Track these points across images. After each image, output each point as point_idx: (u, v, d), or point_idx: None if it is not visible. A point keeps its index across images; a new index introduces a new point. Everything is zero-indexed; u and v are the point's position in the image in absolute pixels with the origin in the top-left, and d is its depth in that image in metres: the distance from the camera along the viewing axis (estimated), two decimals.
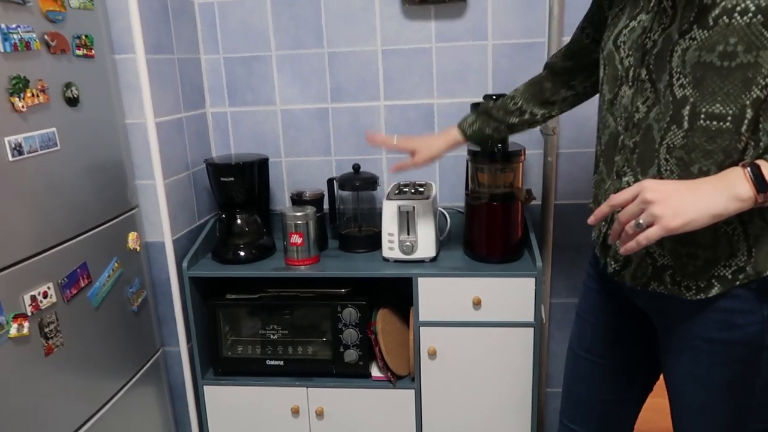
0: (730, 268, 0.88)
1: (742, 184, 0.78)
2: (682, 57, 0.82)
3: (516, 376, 1.61)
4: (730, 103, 0.80)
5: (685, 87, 0.83)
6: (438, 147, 1.40)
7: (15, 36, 1.13)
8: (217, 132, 1.91)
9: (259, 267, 1.68)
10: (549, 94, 1.27)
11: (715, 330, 0.91)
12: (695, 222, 0.79)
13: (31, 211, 1.19)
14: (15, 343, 1.14)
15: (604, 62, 1.00)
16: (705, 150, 0.83)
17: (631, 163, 0.93)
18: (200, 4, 1.81)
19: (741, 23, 0.77)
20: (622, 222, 0.85)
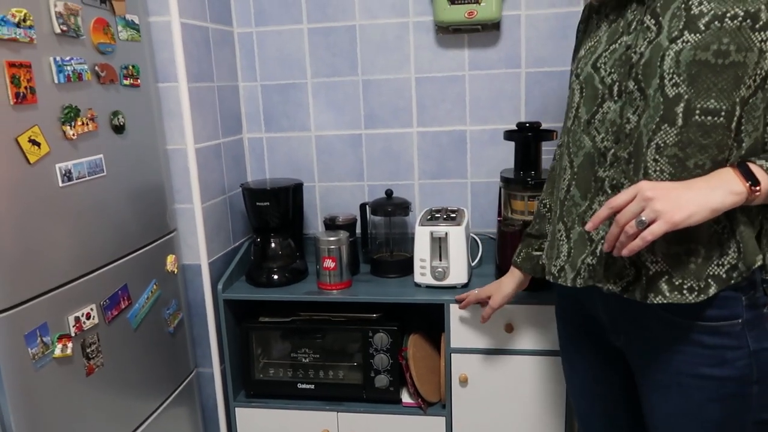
0: (723, 266, 0.90)
1: (735, 180, 0.83)
2: (675, 58, 0.87)
3: (548, 405, 1.59)
4: (723, 99, 0.85)
5: (679, 85, 0.87)
6: (507, 286, 1.37)
7: (68, 68, 1.18)
8: (252, 157, 1.96)
9: (292, 290, 1.70)
10: None
11: (705, 366, 0.92)
12: (696, 215, 0.82)
13: (78, 235, 1.24)
14: (59, 363, 1.18)
15: (581, 85, 1.02)
16: (701, 144, 0.87)
17: (628, 173, 0.95)
18: (239, 34, 1.87)
19: (732, 26, 0.83)
20: (622, 223, 0.86)
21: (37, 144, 1.11)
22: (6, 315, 1.06)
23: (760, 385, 0.91)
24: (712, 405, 0.93)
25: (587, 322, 1.12)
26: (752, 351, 0.90)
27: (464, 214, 1.71)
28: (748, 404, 0.92)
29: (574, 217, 1.04)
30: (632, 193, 0.86)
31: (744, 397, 0.92)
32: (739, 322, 0.91)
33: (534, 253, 1.30)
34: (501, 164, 1.83)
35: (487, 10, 1.65)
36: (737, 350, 0.91)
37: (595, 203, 1.00)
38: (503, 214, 1.66)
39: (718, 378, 0.92)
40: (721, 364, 0.91)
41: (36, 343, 1.11)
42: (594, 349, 1.14)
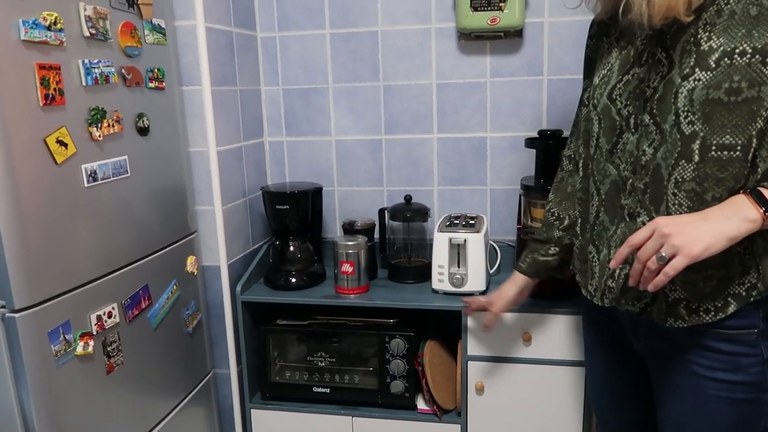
0: (744, 285, 0.93)
1: (749, 207, 0.85)
2: (689, 97, 0.88)
3: (565, 416, 1.58)
4: (738, 134, 0.87)
5: (694, 123, 0.89)
6: (509, 290, 1.38)
7: (96, 70, 1.20)
8: (273, 161, 1.97)
9: (310, 294, 1.70)
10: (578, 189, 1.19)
11: (721, 371, 0.96)
12: (714, 246, 0.85)
13: (102, 235, 1.26)
14: (80, 360, 1.19)
15: (599, 116, 1.05)
16: (717, 178, 0.90)
17: (644, 203, 0.98)
18: (263, 39, 1.89)
19: (742, 63, 0.85)
20: (643, 259, 0.90)
21: (65, 145, 1.13)
22: (30, 312, 1.08)
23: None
24: (726, 408, 0.96)
25: (610, 323, 1.15)
26: (766, 359, 0.94)
27: (483, 221, 1.70)
28: (761, 410, 0.96)
29: (603, 240, 1.07)
30: (650, 230, 0.89)
31: (757, 402, 0.95)
32: (754, 332, 0.94)
33: (540, 258, 1.32)
34: (521, 172, 1.82)
35: (510, 17, 1.65)
36: (751, 357, 0.94)
37: (619, 228, 1.03)
38: (523, 222, 1.65)
39: (733, 382, 0.95)
40: (735, 369, 0.95)
41: (59, 341, 1.13)
42: (614, 348, 1.17)
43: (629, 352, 1.14)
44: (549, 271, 1.33)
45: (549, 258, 1.31)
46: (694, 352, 0.98)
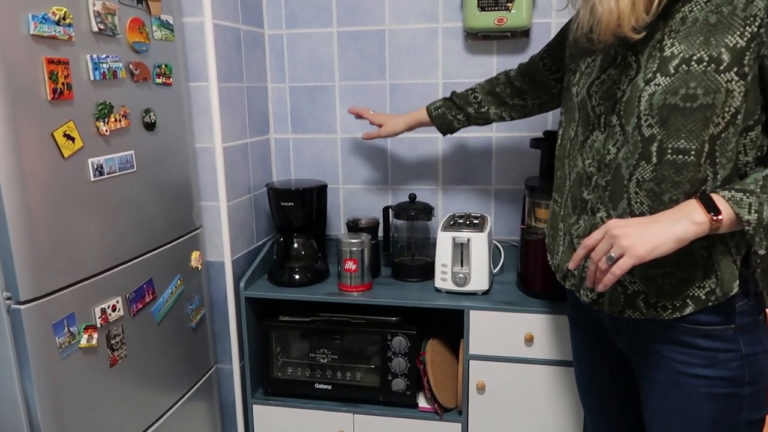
0: (704, 288, 0.96)
1: (697, 211, 0.88)
2: (649, 101, 0.92)
3: (566, 416, 1.58)
4: (692, 139, 0.90)
5: (653, 126, 0.92)
6: (400, 124, 1.62)
7: (104, 65, 1.21)
8: (278, 157, 1.98)
9: (313, 291, 1.71)
10: (504, 97, 1.47)
11: (700, 367, 0.98)
12: (660, 247, 0.88)
13: (107, 229, 1.27)
14: (84, 353, 1.20)
15: (578, 107, 1.08)
16: (673, 181, 0.93)
17: (604, 200, 1.02)
18: (270, 36, 1.90)
19: (698, 70, 0.88)
20: (595, 260, 0.94)
21: (72, 139, 1.14)
22: (35, 304, 1.09)
23: (753, 386, 0.97)
24: (706, 404, 0.99)
25: (593, 324, 1.18)
26: (745, 354, 0.96)
27: (487, 221, 1.71)
28: (741, 404, 0.98)
29: (567, 225, 1.12)
30: (603, 232, 0.93)
31: (736, 397, 0.98)
32: (731, 328, 0.96)
33: (449, 116, 1.54)
34: (526, 172, 1.82)
35: (517, 17, 1.65)
36: (729, 353, 0.96)
37: (581, 220, 1.08)
38: (527, 222, 1.65)
39: (712, 378, 0.98)
40: (714, 365, 0.97)
41: (63, 333, 1.14)
42: (599, 348, 1.20)
43: (613, 352, 1.16)
44: (449, 129, 1.57)
45: (455, 121, 1.54)
46: (672, 349, 1.01)
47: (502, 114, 1.49)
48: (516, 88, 1.45)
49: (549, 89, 1.41)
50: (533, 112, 1.49)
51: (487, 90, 1.49)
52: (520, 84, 1.44)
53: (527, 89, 1.44)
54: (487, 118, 1.51)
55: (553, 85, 1.40)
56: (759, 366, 0.97)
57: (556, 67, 1.36)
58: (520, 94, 1.45)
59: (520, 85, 1.45)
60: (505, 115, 1.49)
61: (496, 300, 1.60)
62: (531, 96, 1.45)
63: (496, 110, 1.49)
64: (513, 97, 1.46)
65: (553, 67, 1.37)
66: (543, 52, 1.39)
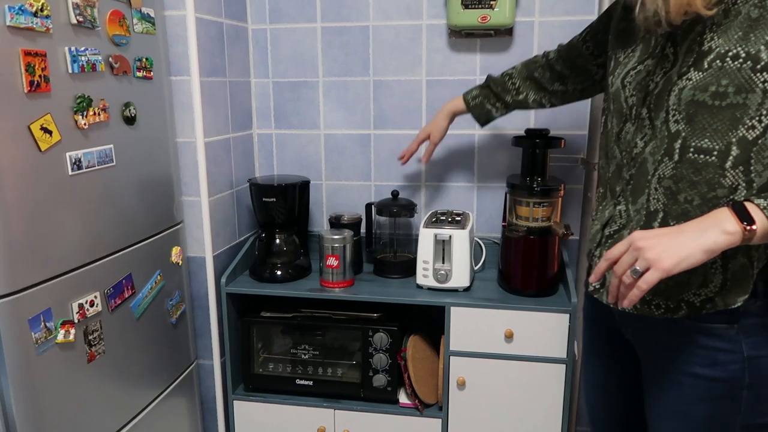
0: (700, 296, 0.93)
1: (728, 219, 0.82)
2: (678, 95, 0.89)
3: (546, 412, 1.59)
4: (717, 139, 0.86)
5: (679, 122, 0.89)
6: (441, 122, 1.60)
7: (83, 58, 1.20)
8: (261, 153, 1.97)
9: (295, 287, 1.71)
10: (543, 82, 1.41)
11: (699, 366, 0.95)
12: (689, 259, 0.83)
13: (85, 223, 1.25)
14: (61, 348, 1.19)
15: (612, 98, 1.05)
16: (691, 180, 0.89)
17: (626, 193, 1.01)
18: (254, 30, 1.89)
19: (733, 67, 0.84)
20: (619, 274, 0.89)
21: (49, 132, 1.13)
22: (11, 299, 1.08)
23: (751, 390, 0.93)
24: (701, 404, 0.96)
25: (606, 316, 1.14)
26: (746, 357, 0.92)
27: (469, 218, 1.72)
28: (737, 408, 0.94)
29: (598, 215, 1.10)
30: (627, 244, 0.89)
31: (733, 399, 0.94)
32: (735, 327, 0.92)
33: (487, 106, 1.50)
34: (508, 170, 1.83)
35: (501, 15, 1.65)
36: (730, 354, 0.92)
37: (607, 209, 1.06)
38: (508, 220, 1.66)
39: (710, 378, 0.94)
40: (713, 365, 0.94)
41: (39, 328, 1.13)
42: (610, 341, 1.16)
43: (623, 346, 1.13)
44: (487, 120, 1.53)
45: (493, 110, 1.50)
46: (673, 346, 0.98)
47: (542, 100, 1.43)
48: (556, 72, 1.38)
49: (591, 74, 1.34)
50: (574, 98, 1.42)
51: (525, 75, 1.43)
52: (561, 68, 1.37)
53: (568, 74, 1.37)
54: (526, 105, 1.46)
55: (595, 70, 1.32)
56: (762, 370, 0.92)
57: (599, 51, 1.28)
58: (561, 78, 1.38)
59: (560, 69, 1.37)
60: (545, 102, 1.43)
61: (477, 297, 1.61)
62: (572, 81, 1.37)
63: (535, 96, 1.43)
64: (553, 81, 1.40)
65: (596, 51, 1.29)
66: (586, 33, 1.31)
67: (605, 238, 1.04)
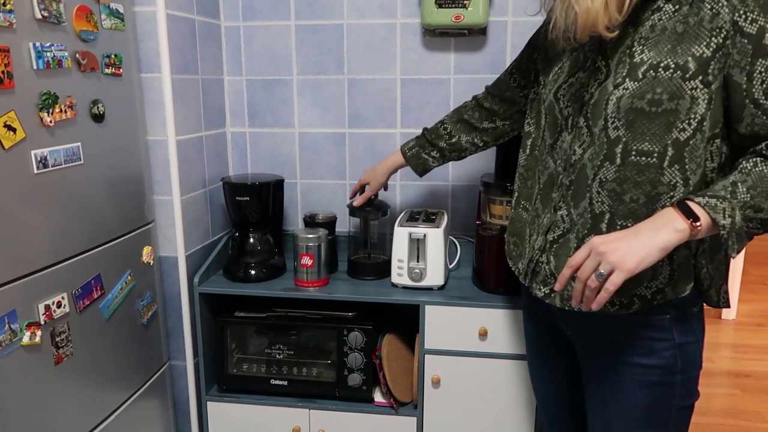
0: (651, 288, 1.00)
1: (677, 218, 0.89)
2: (617, 104, 0.96)
3: (519, 408, 1.61)
4: (656, 142, 0.94)
5: (619, 129, 0.96)
6: (380, 174, 1.62)
7: (48, 54, 1.17)
8: (235, 151, 1.95)
9: (269, 286, 1.70)
10: (473, 122, 1.45)
11: (636, 356, 1.03)
12: (648, 258, 0.89)
13: (52, 223, 1.23)
14: (26, 350, 1.17)
15: (545, 112, 1.12)
16: (635, 181, 0.96)
17: (566, 198, 1.06)
18: (227, 28, 1.87)
19: (665, 76, 0.92)
20: (583, 278, 0.93)
21: (13, 129, 1.10)
22: None
23: (683, 374, 1.02)
24: (640, 391, 1.03)
25: (545, 313, 1.21)
26: (677, 344, 1.01)
27: (444, 217, 1.72)
28: (672, 391, 1.03)
29: (535, 227, 1.14)
30: (587, 250, 0.93)
31: (669, 384, 1.02)
32: (667, 318, 1.01)
33: (423, 155, 1.52)
34: (482, 169, 1.84)
35: (474, 15, 1.66)
36: (664, 342, 1.01)
37: (546, 218, 1.11)
38: (482, 218, 1.67)
39: (647, 366, 1.02)
40: (650, 353, 1.02)
41: (3, 330, 1.10)
42: (550, 338, 1.23)
43: (563, 341, 1.20)
44: (425, 170, 1.55)
45: (429, 159, 1.52)
46: (611, 339, 1.05)
47: (474, 140, 1.46)
48: (485, 110, 1.43)
49: (519, 106, 1.39)
50: (506, 135, 1.46)
51: (455, 119, 1.47)
52: (490, 104, 1.42)
53: (497, 109, 1.41)
54: (460, 149, 1.48)
55: (523, 102, 1.38)
56: (690, 355, 1.02)
57: (525, 82, 1.34)
58: (490, 116, 1.43)
59: (489, 106, 1.42)
60: (478, 141, 1.46)
61: (452, 295, 1.62)
62: (501, 117, 1.42)
63: (467, 137, 1.46)
64: (482, 120, 1.44)
65: (522, 82, 1.35)
66: (512, 67, 1.37)
67: (549, 243, 1.09)
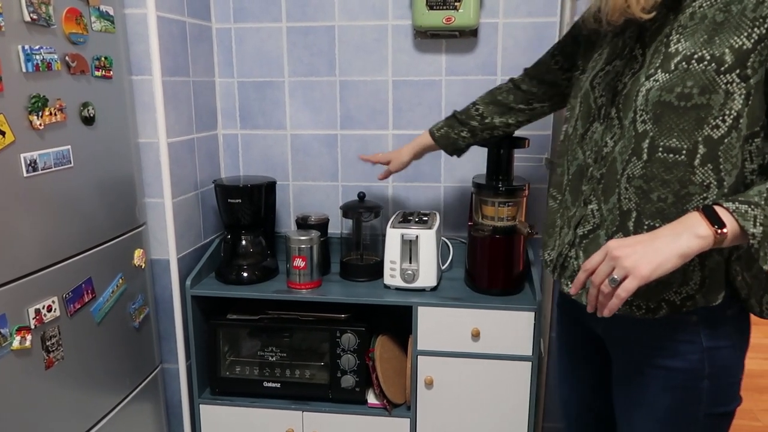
0: (680, 294, 0.94)
1: (700, 224, 0.83)
2: (645, 96, 0.91)
3: (513, 409, 1.61)
4: (684, 139, 0.88)
5: (646, 122, 0.91)
6: (405, 154, 1.59)
7: (37, 57, 1.17)
8: (227, 153, 1.95)
9: (262, 288, 1.69)
10: (508, 103, 1.41)
11: (660, 357, 0.98)
12: (665, 264, 0.84)
13: (42, 227, 1.22)
14: (17, 355, 1.16)
15: (580, 100, 1.07)
16: (663, 179, 0.91)
17: (597, 192, 1.01)
18: (218, 30, 1.86)
19: (698, 69, 0.86)
20: (596, 283, 0.89)
21: (2, 133, 1.10)
22: None
23: (711, 380, 0.95)
24: (664, 394, 0.98)
25: (575, 309, 1.16)
26: (705, 348, 0.95)
27: (436, 218, 1.72)
28: (699, 397, 0.96)
29: (565, 218, 1.09)
30: (603, 254, 0.89)
31: (694, 389, 0.96)
32: (693, 319, 0.95)
33: (452, 134, 1.48)
34: (474, 170, 1.85)
35: (465, 16, 1.67)
36: (690, 344, 0.95)
37: (577, 211, 1.06)
38: (474, 219, 1.67)
39: (671, 369, 0.97)
40: (674, 355, 0.96)
41: None
42: (579, 336, 1.19)
43: (592, 341, 1.15)
44: (455, 150, 1.51)
45: (459, 139, 1.48)
46: (638, 340, 1.00)
47: (509, 121, 1.42)
48: (522, 91, 1.39)
49: (561, 88, 1.34)
50: (542, 115, 1.43)
51: (488, 101, 1.43)
52: (527, 86, 1.38)
53: (535, 91, 1.37)
54: (492, 128, 1.44)
55: (565, 84, 1.33)
56: (722, 360, 0.95)
57: (569, 65, 1.29)
58: (526, 98, 1.39)
59: (527, 88, 1.38)
60: (512, 121, 1.42)
61: (444, 296, 1.62)
62: (539, 98, 1.38)
63: (501, 119, 1.42)
64: (518, 102, 1.40)
65: (566, 65, 1.30)
66: (554, 48, 1.32)
67: (579, 238, 1.04)
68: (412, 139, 1.80)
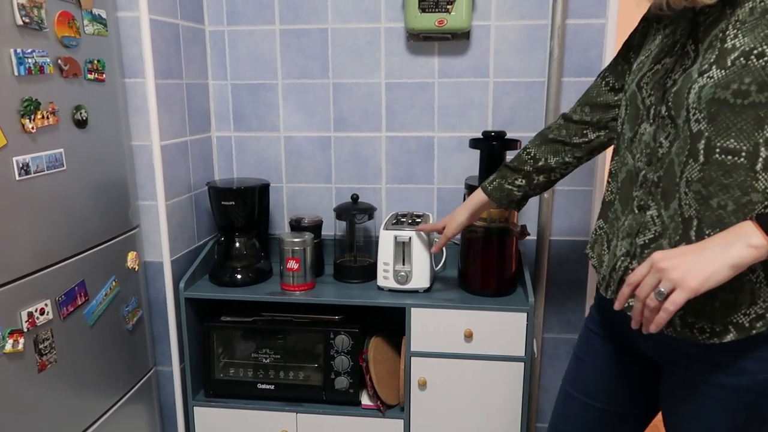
0: (749, 315, 0.87)
1: (754, 232, 0.79)
2: (698, 93, 0.85)
3: (506, 410, 1.62)
4: (743, 139, 0.83)
5: (700, 122, 0.86)
6: (460, 215, 1.44)
7: (30, 60, 1.17)
8: (220, 156, 1.95)
9: (255, 291, 1.70)
10: (562, 139, 1.27)
11: (724, 376, 0.90)
12: (715, 276, 0.80)
13: (34, 229, 1.22)
14: (9, 358, 1.16)
15: (626, 103, 1.03)
16: (722, 184, 0.85)
17: (656, 197, 0.94)
18: (211, 32, 1.87)
19: (757, 65, 0.80)
20: (642, 297, 0.85)
21: None
22: None
23: None
24: (724, 415, 0.92)
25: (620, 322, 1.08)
26: None
27: (429, 220, 1.73)
28: (763, 419, 0.91)
29: (615, 229, 1.04)
30: (648, 266, 0.85)
31: (759, 409, 0.90)
32: (764, 333, 0.88)
33: (506, 185, 1.34)
34: (467, 171, 1.86)
35: (457, 19, 1.67)
36: (759, 362, 0.88)
37: (627, 220, 1.00)
38: None
39: (736, 388, 0.90)
40: (740, 373, 0.89)
41: None
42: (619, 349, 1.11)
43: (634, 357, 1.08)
44: (511, 201, 1.36)
45: (514, 188, 1.33)
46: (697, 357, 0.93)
47: (565, 159, 1.27)
48: (575, 123, 1.25)
49: (615, 113, 1.21)
50: (600, 148, 1.27)
51: (539, 142, 1.31)
52: (580, 116, 1.25)
53: (589, 120, 1.23)
54: (549, 170, 1.29)
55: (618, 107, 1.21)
56: None
57: (620, 84, 1.18)
58: (580, 129, 1.25)
59: (579, 118, 1.25)
60: (569, 159, 1.27)
61: (437, 297, 1.63)
62: (594, 127, 1.23)
63: (556, 158, 1.28)
64: (571, 136, 1.26)
65: (617, 85, 1.19)
66: (605, 70, 1.22)
67: (639, 248, 0.96)
68: (404, 142, 1.82)
